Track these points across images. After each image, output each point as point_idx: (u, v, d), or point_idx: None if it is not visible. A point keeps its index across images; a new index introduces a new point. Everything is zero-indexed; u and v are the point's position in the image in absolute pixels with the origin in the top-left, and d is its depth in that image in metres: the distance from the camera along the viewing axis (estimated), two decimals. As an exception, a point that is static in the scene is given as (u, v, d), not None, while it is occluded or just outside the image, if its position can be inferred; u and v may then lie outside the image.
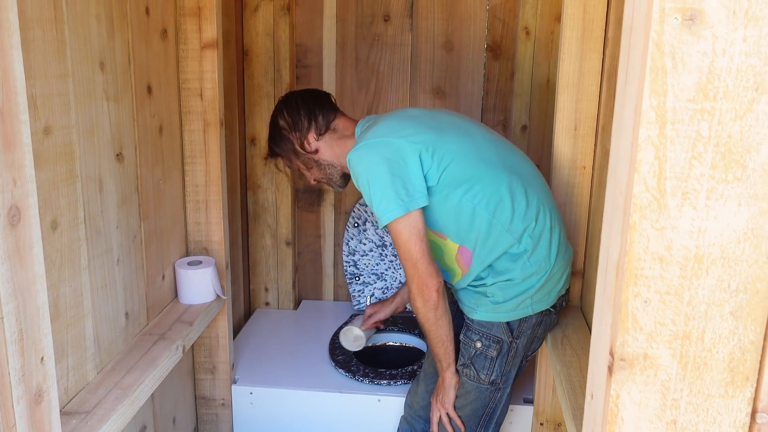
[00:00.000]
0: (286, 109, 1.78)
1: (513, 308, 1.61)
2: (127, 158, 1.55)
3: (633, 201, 0.70)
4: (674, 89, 0.67)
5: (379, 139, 1.57)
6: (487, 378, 1.66)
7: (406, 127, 1.59)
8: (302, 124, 1.75)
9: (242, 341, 2.37)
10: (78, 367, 1.37)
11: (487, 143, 1.63)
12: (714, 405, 0.75)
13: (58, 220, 1.27)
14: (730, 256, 0.71)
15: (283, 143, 1.79)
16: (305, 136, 1.76)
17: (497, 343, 1.63)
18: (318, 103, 1.78)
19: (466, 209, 1.56)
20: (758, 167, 0.69)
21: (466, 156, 1.57)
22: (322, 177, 1.82)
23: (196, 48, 1.81)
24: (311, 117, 1.75)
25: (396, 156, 1.54)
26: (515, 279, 1.59)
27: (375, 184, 1.53)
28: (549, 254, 1.60)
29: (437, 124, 1.62)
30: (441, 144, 1.56)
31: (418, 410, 1.87)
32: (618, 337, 0.74)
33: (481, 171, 1.57)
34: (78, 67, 1.32)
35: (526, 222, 1.57)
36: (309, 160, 1.79)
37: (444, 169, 1.55)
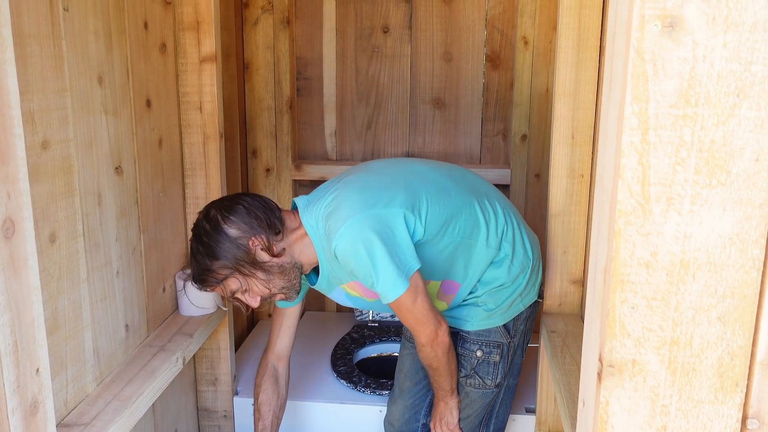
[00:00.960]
0: (231, 215, 1.47)
1: (506, 310, 1.64)
2: (126, 171, 1.56)
3: (618, 207, 0.71)
4: (656, 95, 0.68)
5: (361, 215, 1.44)
6: (492, 382, 1.69)
7: (376, 196, 1.49)
8: (261, 224, 1.47)
9: (245, 353, 2.37)
10: (77, 379, 1.38)
11: (438, 174, 1.62)
12: (704, 411, 0.75)
13: (57, 233, 1.28)
14: (717, 261, 0.71)
15: (237, 257, 1.45)
16: (270, 236, 1.48)
17: (498, 347, 1.66)
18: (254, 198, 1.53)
19: (448, 248, 1.56)
20: (742, 172, 0.69)
21: (435, 196, 1.53)
22: (285, 285, 1.53)
23: (195, 62, 1.83)
24: (266, 213, 1.49)
25: (384, 227, 1.44)
26: (505, 283, 1.62)
27: (377, 262, 1.41)
28: (525, 250, 1.64)
29: (393, 180, 1.55)
30: (414, 196, 1.50)
31: (400, 427, 1.87)
32: (606, 343, 0.74)
33: (453, 204, 1.55)
34: (76, 82, 1.33)
35: (500, 230, 1.60)
36: (273, 267, 1.50)
37: (425, 218, 1.49)
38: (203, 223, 1.48)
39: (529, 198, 2.47)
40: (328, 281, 1.61)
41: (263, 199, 1.54)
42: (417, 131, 2.53)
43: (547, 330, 1.77)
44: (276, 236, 1.49)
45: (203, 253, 1.46)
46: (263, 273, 1.48)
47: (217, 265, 1.46)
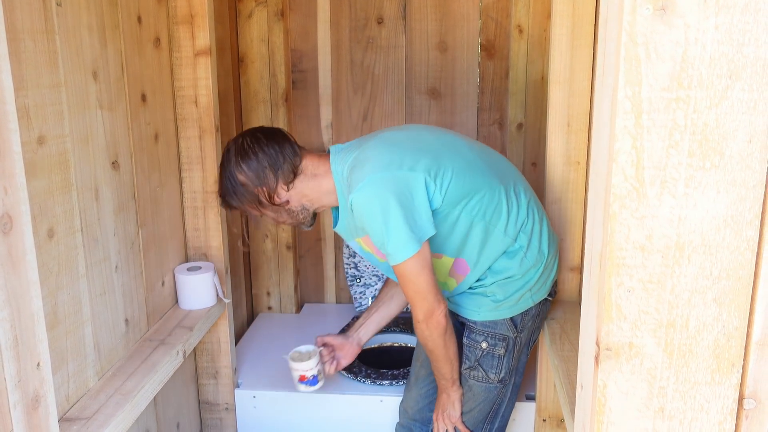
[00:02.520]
0: (244, 163, 1.55)
1: (514, 303, 1.62)
2: (122, 166, 1.56)
3: (612, 191, 0.71)
4: (648, 79, 0.68)
5: (383, 174, 1.47)
6: (496, 377, 1.66)
7: (403, 157, 1.51)
8: (268, 178, 1.55)
9: (245, 346, 2.38)
10: (78, 374, 1.38)
11: (473, 153, 1.62)
12: (701, 392, 0.76)
13: (55, 229, 1.28)
14: (711, 244, 0.72)
15: (245, 197, 1.59)
16: (274, 189, 1.57)
17: (503, 340, 1.64)
18: (278, 148, 1.57)
19: (463, 223, 1.55)
20: (735, 154, 0.69)
21: (462, 170, 1.54)
22: (292, 221, 1.66)
23: (190, 55, 1.82)
24: (276, 167, 1.56)
25: (404, 190, 1.46)
26: (515, 276, 1.60)
27: (390, 222, 1.44)
28: (541, 245, 1.62)
29: (426, 146, 1.57)
30: (439, 165, 1.52)
31: (414, 414, 1.87)
32: (603, 326, 0.75)
33: (477, 182, 1.55)
34: (71, 77, 1.33)
35: (520, 221, 1.58)
36: (278, 209, 1.61)
37: (446, 189, 1.51)
38: (224, 160, 1.61)
39: (526, 186, 2.47)
40: (346, 229, 1.66)
41: (282, 146, 1.58)
42: (413, 122, 2.53)
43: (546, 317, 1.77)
44: (288, 185, 1.58)
45: (221, 183, 1.62)
46: (271, 211, 1.63)
47: (228, 198, 1.61)
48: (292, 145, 1.60)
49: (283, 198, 1.58)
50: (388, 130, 1.65)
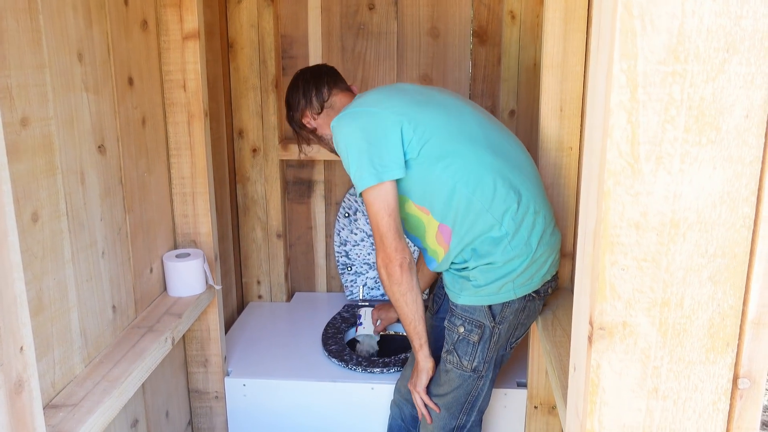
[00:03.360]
0: (290, 89, 1.87)
1: (495, 291, 1.60)
2: (109, 150, 1.54)
3: (607, 167, 0.70)
4: (644, 52, 0.67)
5: (360, 108, 1.62)
6: (469, 365, 1.65)
7: (390, 99, 1.63)
8: (299, 104, 1.83)
9: (235, 334, 2.36)
10: (64, 361, 1.36)
11: (475, 122, 1.63)
12: (695, 372, 0.75)
13: (39, 212, 1.26)
14: (707, 221, 0.70)
15: (291, 120, 1.89)
16: (303, 114, 1.84)
17: (479, 327, 1.62)
18: (315, 81, 1.82)
19: (446, 184, 1.56)
20: (732, 129, 0.68)
21: (448, 132, 1.58)
22: (329, 149, 1.89)
23: (178, 39, 1.80)
24: (306, 97, 1.82)
25: (375, 126, 1.57)
26: (497, 262, 1.57)
27: (352, 152, 1.57)
28: (530, 238, 1.58)
29: (424, 99, 1.65)
30: (423, 117, 1.58)
31: (405, 393, 1.88)
32: (597, 306, 0.74)
33: (463, 148, 1.57)
34: (55, 58, 1.31)
35: (507, 203, 1.56)
36: (313, 134, 1.88)
37: (425, 142, 1.57)
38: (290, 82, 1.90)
39: (518, 174, 2.46)
40: None
41: (318, 78, 1.84)
42: (404, 109, 2.51)
43: (537, 304, 1.76)
44: (316, 114, 1.82)
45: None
46: (310, 134, 1.89)
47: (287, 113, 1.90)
48: (328, 83, 1.83)
49: (313, 125, 1.84)
50: (411, 84, 1.79)
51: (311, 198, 2.64)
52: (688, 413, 0.75)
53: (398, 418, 1.91)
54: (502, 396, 2.00)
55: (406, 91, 1.69)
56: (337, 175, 2.61)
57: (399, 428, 1.92)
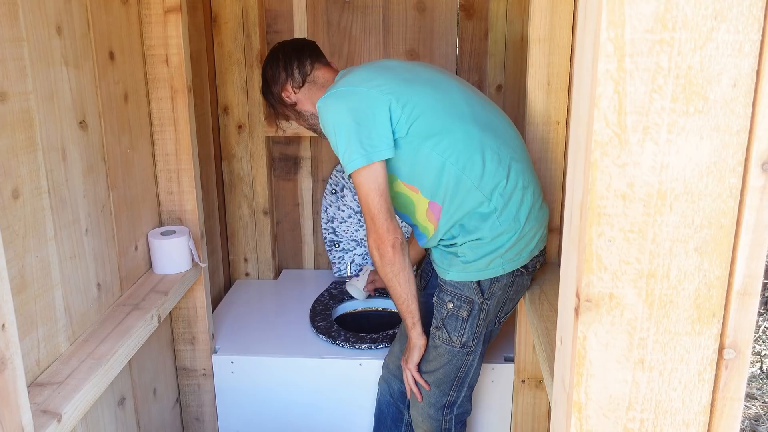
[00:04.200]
0: (268, 62, 1.81)
1: (484, 267, 1.60)
2: (91, 126, 1.51)
3: (594, 138, 0.69)
4: (632, 20, 0.66)
5: (348, 87, 1.58)
6: (458, 340, 1.65)
7: (377, 77, 1.60)
8: (280, 78, 1.78)
9: (222, 312, 2.36)
10: (49, 339, 1.35)
11: (462, 98, 1.61)
12: (681, 342, 0.75)
13: (20, 189, 1.24)
14: (694, 191, 0.70)
15: (268, 94, 1.84)
16: (283, 88, 1.79)
17: (468, 303, 1.62)
18: (297, 55, 1.78)
19: (435, 162, 1.55)
20: (719, 98, 0.67)
21: (436, 109, 1.56)
22: (304, 124, 1.85)
23: (160, 12, 1.76)
24: (288, 70, 1.77)
25: (363, 105, 1.54)
26: (485, 238, 1.57)
27: (341, 132, 1.54)
28: (518, 214, 1.58)
29: (411, 76, 1.62)
30: (411, 96, 1.56)
31: (394, 369, 1.88)
32: (583, 277, 0.73)
33: (452, 125, 1.55)
34: (33, 32, 1.28)
35: (497, 179, 1.55)
36: (292, 110, 1.82)
37: (413, 120, 1.54)
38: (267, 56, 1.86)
39: (505, 149, 2.45)
40: None
41: (301, 50, 1.79)
42: (391, 84, 2.48)
43: (524, 278, 1.77)
44: (296, 88, 1.78)
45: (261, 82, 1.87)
46: (285, 110, 1.85)
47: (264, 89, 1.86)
48: (312, 55, 1.79)
49: (292, 99, 1.79)
50: (396, 60, 1.77)
51: (298, 175, 2.63)
52: (674, 384, 0.76)
53: (387, 394, 1.92)
54: (489, 371, 2.01)
55: (392, 68, 1.66)
56: (324, 151, 2.59)
57: (387, 404, 1.93)
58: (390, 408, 1.92)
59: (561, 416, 0.83)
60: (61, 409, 1.22)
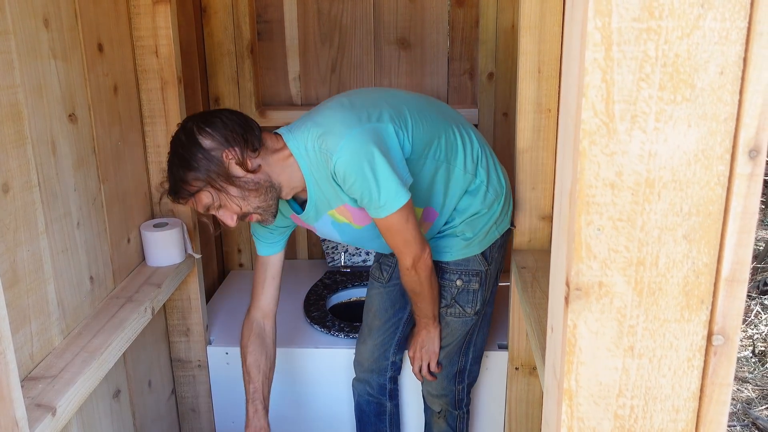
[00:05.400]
0: (208, 127, 1.43)
1: (483, 238, 1.67)
2: (80, 119, 1.51)
3: (582, 127, 0.69)
4: (619, 9, 0.66)
5: (358, 128, 1.43)
6: (472, 310, 1.72)
7: (366, 112, 1.48)
8: (237, 138, 1.43)
9: (216, 303, 2.36)
10: (42, 333, 1.35)
11: (418, 100, 1.64)
12: (670, 329, 0.75)
13: (10, 183, 1.24)
14: (682, 179, 0.70)
15: (209, 169, 1.41)
16: (245, 151, 1.44)
17: (477, 275, 1.68)
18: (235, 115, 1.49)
19: (429, 170, 1.57)
20: (706, 86, 0.67)
21: (419, 117, 1.57)
22: (260, 205, 1.48)
23: (148, 3, 1.75)
24: (244, 128, 1.45)
25: (380, 140, 1.44)
26: (481, 211, 1.63)
27: (379, 174, 1.41)
28: (499, 177, 1.67)
29: (377, 100, 1.55)
30: (399, 113, 1.53)
31: (370, 366, 1.89)
32: (573, 266, 0.74)
33: (435, 125, 1.58)
34: (19, 24, 1.27)
35: (476, 156, 1.62)
36: (248, 183, 1.44)
37: (412, 135, 1.52)
38: (179, 134, 1.45)
39: (498, 137, 2.45)
40: (315, 208, 1.56)
41: (243, 116, 1.50)
42: (383, 73, 2.48)
43: (517, 266, 1.77)
44: (253, 152, 1.45)
45: (177, 164, 1.43)
46: (237, 189, 1.44)
47: (190, 176, 1.41)
48: (244, 115, 1.51)
49: (255, 164, 1.45)
50: (330, 100, 1.59)
51: (290, 165, 2.62)
52: (664, 370, 0.76)
53: (365, 394, 1.93)
54: (483, 358, 2.02)
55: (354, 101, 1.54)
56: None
57: (367, 402, 1.93)
58: (371, 405, 1.94)
59: (552, 403, 0.84)
60: (55, 402, 1.22)
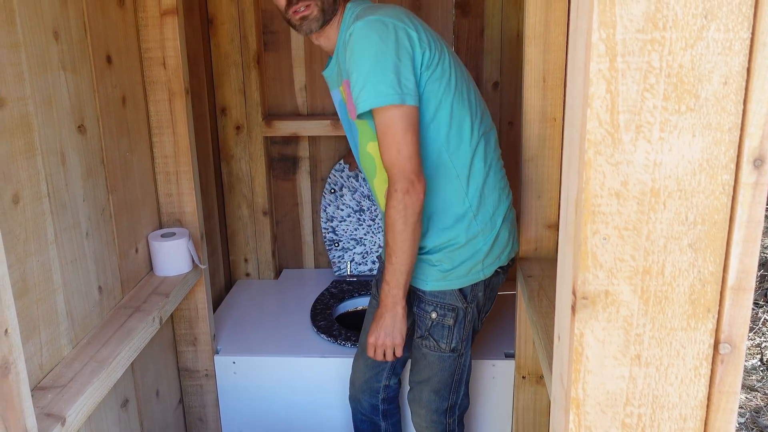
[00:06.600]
0: None
1: (464, 274, 1.58)
2: (89, 130, 1.52)
3: (587, 137, 0.70)
4: (623, 20, 0.66)
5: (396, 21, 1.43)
6: (447, 346, 1.63)
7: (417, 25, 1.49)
8: None
9: (223, 312, 2.37)
10: (52, 342, 1.36)
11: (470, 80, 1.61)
12: (677, 338, 0.76)
13: (20, 194, 1.25)
14: (687, 188, 0.71)
15: None
16: None
17: (453, 311, 1.59)
18: None
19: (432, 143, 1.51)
20: (711, 96, 0.68)
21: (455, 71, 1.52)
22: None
23: (156, 15, 1.77)
24: None
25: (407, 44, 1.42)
26: (459, 242, 1.55)
27: (381, 60, 1.38)
28: (494, 215, 1.57)
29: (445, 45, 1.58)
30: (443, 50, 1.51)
31: (361, 385, 1.85)
32: (579, 275, 0.74)
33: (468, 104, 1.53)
34: (30, 37, 1.28)
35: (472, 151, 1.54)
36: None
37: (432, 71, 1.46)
38: None
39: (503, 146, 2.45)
40: (335, 72, 1.60)
41: None
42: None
43: (523, 275, 1.78)
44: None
45: None
46: None
47: None
48: None
49: None
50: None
51: (297, 174, 2.63)
52: (671, 379, 0.76)
53: (358, 413, 1.90)
54: (490, 367, 2.02)
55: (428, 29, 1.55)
56: (322, 150, 2.59)
57: (361, 421, 1.91)
58: (364, 424, 1.90)
59: (560, 412, 0.84)
60: (65, 412, 1.23)
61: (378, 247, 2.53)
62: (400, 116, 1.39)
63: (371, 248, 2.53)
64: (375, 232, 2.52)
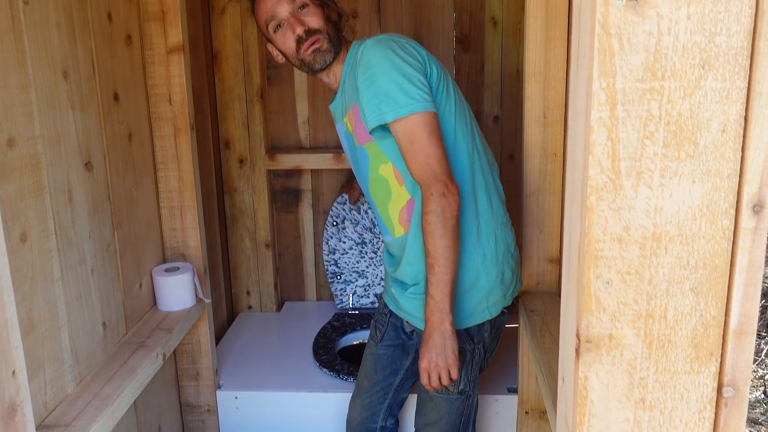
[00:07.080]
0: None
1: (469, 314, 1.56)
2: (96, 167, 1.54)
3: (589, 183, 0.71)
4: (623, 70, 0.68)
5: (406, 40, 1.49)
6: (455, 389, 1.61)
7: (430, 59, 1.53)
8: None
9: (226, 346, 2.36)
10: (56, 380, 1.36)
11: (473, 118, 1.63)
12: (680, 381, 0.76)
13: (28, 233, 1.26)
14: (688, 233, 0.72)
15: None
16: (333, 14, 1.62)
17: (461, 353, 1.56)
18: None
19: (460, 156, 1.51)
20: (709, 143, 0.70)
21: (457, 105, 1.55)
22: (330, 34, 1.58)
23: (162, 53, 1.80)
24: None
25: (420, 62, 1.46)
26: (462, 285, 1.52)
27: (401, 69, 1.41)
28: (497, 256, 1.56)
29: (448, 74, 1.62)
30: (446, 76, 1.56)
31: (357, 426, 1.81)
32: (583, 319, 0.75)
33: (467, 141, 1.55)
34: (40, 77, 1.31)
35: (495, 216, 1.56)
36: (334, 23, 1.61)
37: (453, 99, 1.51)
38: None
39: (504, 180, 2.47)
40: (340, 104, 1.63)
41: None
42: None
43: (525, 309, 1.78)
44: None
45: None
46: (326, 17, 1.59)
47: None
48: None
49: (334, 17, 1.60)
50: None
51: (299, 207, 2.65)
52: (675, 422, 0.77)
53: None
54: (493, 402, 2.01)
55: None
56: (325, 183, 2.61)
57: None
58: None
59: (564, 454, 0.84)
60: (68, 450, 1.23)
61: (380, 280, 2.53)
62: (421, 122, 1.40)
63: (373, 281, 2.54)
64: (377, 264, 2.53)
